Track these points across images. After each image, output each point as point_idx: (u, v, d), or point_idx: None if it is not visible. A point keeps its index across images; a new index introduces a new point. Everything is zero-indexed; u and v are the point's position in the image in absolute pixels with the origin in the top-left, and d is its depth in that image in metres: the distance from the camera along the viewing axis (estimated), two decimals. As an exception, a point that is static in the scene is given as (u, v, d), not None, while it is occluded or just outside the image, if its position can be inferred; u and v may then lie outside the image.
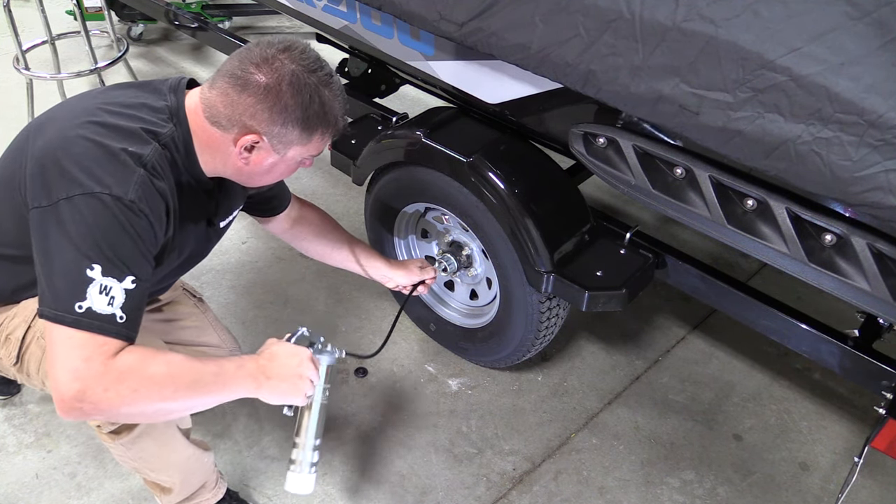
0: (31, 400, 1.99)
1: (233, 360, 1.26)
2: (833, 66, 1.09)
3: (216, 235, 1.54)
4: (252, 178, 1.34)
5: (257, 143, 1.24)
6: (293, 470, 1.42)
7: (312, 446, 1.42)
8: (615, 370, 2.21)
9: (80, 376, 1.08)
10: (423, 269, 1.85)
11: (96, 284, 1.11)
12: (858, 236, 1.25)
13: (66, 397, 1.08)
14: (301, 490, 1.41)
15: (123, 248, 1.14)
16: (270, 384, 1.27)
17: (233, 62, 1.24)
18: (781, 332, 1.61)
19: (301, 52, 1.23)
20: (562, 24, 1.37)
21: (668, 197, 1.48)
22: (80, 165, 1.14)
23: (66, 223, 1.12)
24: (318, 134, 1.27)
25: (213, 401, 1.22)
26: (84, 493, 1.79)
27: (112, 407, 1.10)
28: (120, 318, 1.12)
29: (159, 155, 1.22)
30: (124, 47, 3.18)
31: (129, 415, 1.15)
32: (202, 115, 1.26)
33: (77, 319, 1.09)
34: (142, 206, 1.16)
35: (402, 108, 2.33)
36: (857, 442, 2.02)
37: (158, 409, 1.16)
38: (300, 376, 1.30)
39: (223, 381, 1.21)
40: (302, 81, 1.21)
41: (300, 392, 1.31)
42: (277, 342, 1.33)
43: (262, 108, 1.21)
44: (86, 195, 1.12)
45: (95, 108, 1.24)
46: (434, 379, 2.15)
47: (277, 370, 1.28)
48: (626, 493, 1.87)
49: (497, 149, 1.80)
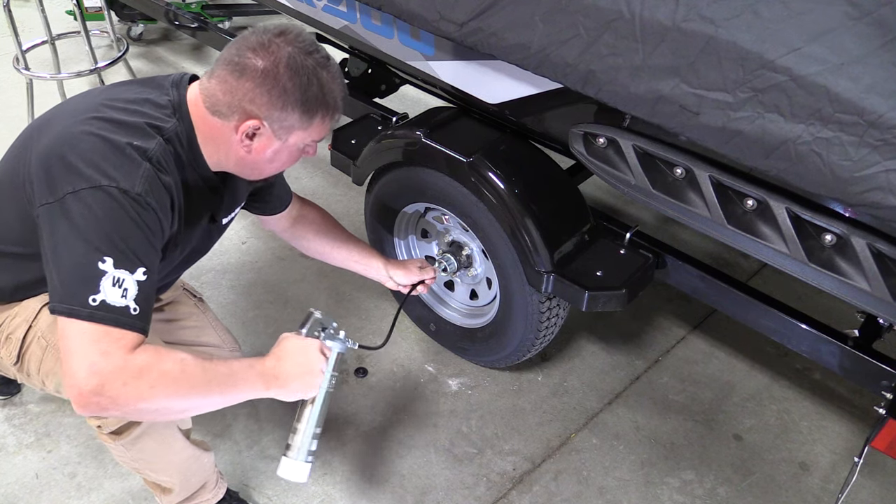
0: (31, 400, 1.99)
1: (243, 361, 1.26)
2: (833, 66, 1.09)
3: (218, 232, 1.54)
4: (255, 168, 1.33)
5: (258, 129, 1.24)
6: (288, 455, 1.37)
7: (312, 434, 1.38)
8: (615, 370, 2.21)
9: (98, 370, 1.08)
10: (423, 269, 1.85)
11: (109, 277, 1.11)
12: (858, 236, 1.25)
13: (85, 391, 1.07)
14: (294, 477, 1.36)
15: (134, 241, 1.14)
16: (280, 384, 1.27)
17: (230, 50, 1.24)
18: (781, 332, 1.62)
19: (297, 35, 1.24)
20: (562, 24, 1.37)
21: (668, 197, 1.48)
22: (85, 160, 1.14)
23: (75, 217, 1.12)
24: (318, 117, 1.28)
25: (224, 401, 1.22)
26: (84, 493, 1.79)
27: (129, 402, 1.10)
28: (134, 311, 1.13)
29: (163, 150, 1.23)
30: (124, 47, 3.18)
31: (144, 410, 1.14)
32: (203, 106, 1.26)
33: (92, 313, 1.09)
34: (149, 199, 1.17)
35: (402, 108, 2.33)
36: (857, 442, 2.02)
37: (171, 406, 1.16)
38: (310, 372, 1.31)
39: (234, 382, 1.22)
40: (299, 63, 1.22)
41: (312, 388, 1.32)
42: (289, 336, 1.33)
43: (261, 92, 1.21)
44: (93, 188, 1.12)
45: (98, 105, 1.25)
46: (434, 379, 2.15)
47: (287, 370, 1.28)
48: (626, 493, 1.87)
49: (497, 149, 1.80)
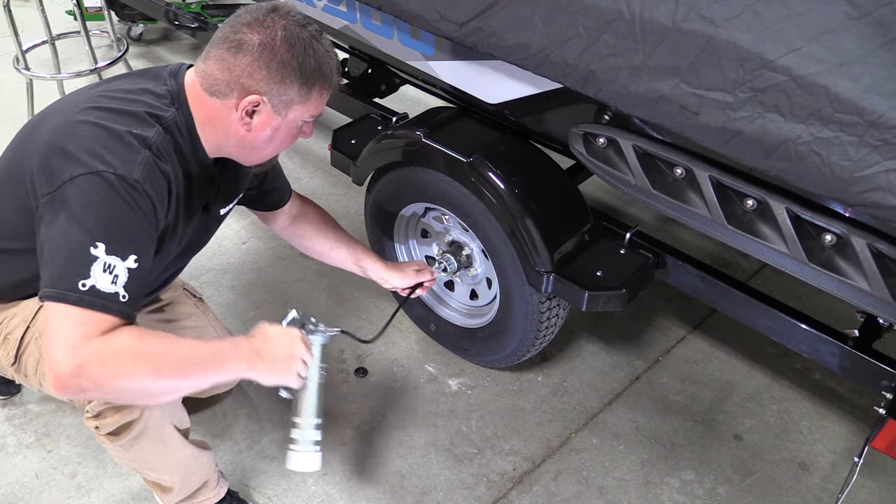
0: (31, 400, 1.99)
1: (227, 341, 1.27)
2: (833, 66, 1.09)
3: (215, 223, 1.54)
4: (254, 148, 1.33)
5: (258, 105, 1.25)
6: (295, 449, 1.42)
7: (314, 425, 1.42)
8: (615, 370, 2.21)
9: (77, 352, 1.08)
10: (420, 271, 1.85)
11: (100, 262, 1.11)
12: (858, 236, 1.25)
13: (64, 374, 1.07)
14: (306, 467, 1.41)
15: (128, 227, 1.14)
16: (264, 365, 1.28)
17: (224, 29, 1.25)
18: (781, 332, 1.62)
19: (288, 10, 1.25)
20: (562, 24, 1.37)
21: (668, 197, 1.48)
22: (84, 148, 1.15)
23: (71, 203, 1.12)
24: (315, 90, 1.28)
25: (207, 380, 1.22)
26: (84, 493, 1.79)
27: (109, 381, 1.10)
28: (122, 297, 1.13)
29: (163, 138, 1.23)
30: (124, 47, 3.18)
31: (125, 390, 1.15)
32: (200, 89, 1.27)
33: (80, 297, 1.09)
34: (146, 186, 1.17)
35: (402, 108, 2.33)
36: (857, 442, 2.02)
37: (153, 386, 1.16)
38: (291, 356, 1.31)
39: (218, 361, 1.22)
40: (295, 35, 1.23)
41: (293, 372, 1.32)
42: (269, 325, 1.34)
43: (260, 66, 1.21)
44: (90, 174, 1.13)
45: (97, 96, 1.25)
46: (434, 379, 2.15)
47: (270, 351, 1.29)
48: (626, 493, 1.87)
49: (497, 149, 1.80)
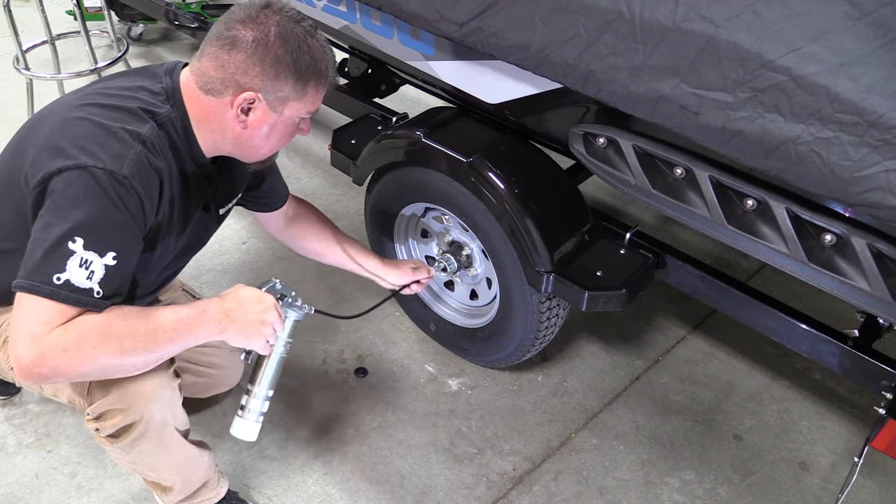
0: (31, 400, 1.99)
1: (194, 307, 1.25)
2: (833, 66, 1.09)
3: (215, 223, 1.54)
4: (251, 146, 1.32)
5: (253, 102, 1.24)
6: (241, 416, 1.44)
7: (265, 396, 1.44)
8: (615, 370, 2.21)
9: (38, 340, 1.08)
10: (416, 269, 1.85)
11: (77, 257, 1.11)
12: (858, 236, 1.25)
13: (25, 363, 1.08)
14: (245, 436, 1.44)
15: (109, 224, 1.14)
16: (235, 327, 1.27)
17: (218, 27, 1.25)
18: (781, 332, 1.62)
19: (282, 6, 1.25)
20: (562, 24, 1.37)
21: (668, 197, 1.48)
22: (75, 144, 1.15)
23: (55, 196, 1.12)
24: (311, 86, 1.28)
25: (176, 348, 1.22)
26: (84, 493, 1.79)
27: (72, 368, 1.10)
28: (97, 293, 1.13)
29: (157, 134, 1.23)
30: (124, 47, 3.18)
31: (91, 373, 1.15)
32: (195, 87, 1.26)
33: (54, 291, 1.09)
34: (134, 182, 1.16)
35: (402, 108, 2.33)
36: (857, 442, 2.02)
37: (121, 363, 1.16)
38: (263, 322, 1.30)
39: (185, 328, 1.21)
40: (289, 31, 1.23)
41: (262, 338, 1.31)
42: (246, 286, 1.32)
43: (254, 62, 1.21)
44: (77, 169, 1.13)
45: (92, 94, 1.26)
46: (434, 379, 2.15)
47: (242, 314, 1.28)
48: (626, 493, 1.87)
49: (497, 149, 1.80)
